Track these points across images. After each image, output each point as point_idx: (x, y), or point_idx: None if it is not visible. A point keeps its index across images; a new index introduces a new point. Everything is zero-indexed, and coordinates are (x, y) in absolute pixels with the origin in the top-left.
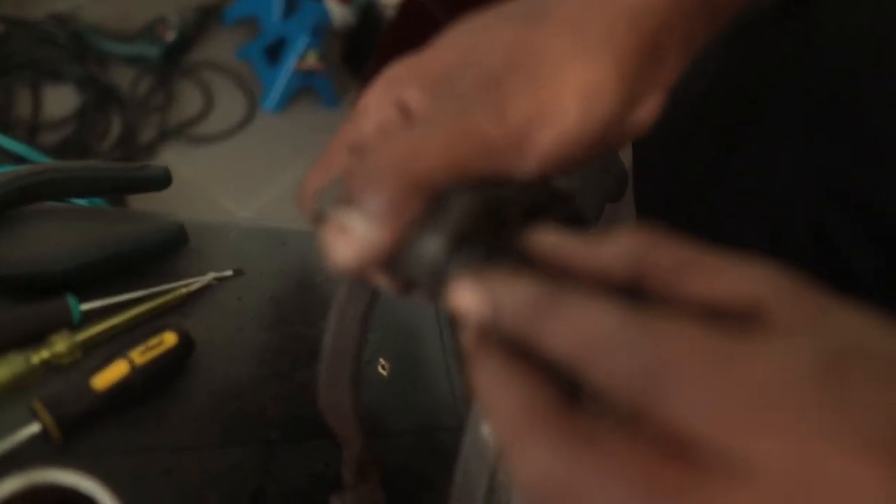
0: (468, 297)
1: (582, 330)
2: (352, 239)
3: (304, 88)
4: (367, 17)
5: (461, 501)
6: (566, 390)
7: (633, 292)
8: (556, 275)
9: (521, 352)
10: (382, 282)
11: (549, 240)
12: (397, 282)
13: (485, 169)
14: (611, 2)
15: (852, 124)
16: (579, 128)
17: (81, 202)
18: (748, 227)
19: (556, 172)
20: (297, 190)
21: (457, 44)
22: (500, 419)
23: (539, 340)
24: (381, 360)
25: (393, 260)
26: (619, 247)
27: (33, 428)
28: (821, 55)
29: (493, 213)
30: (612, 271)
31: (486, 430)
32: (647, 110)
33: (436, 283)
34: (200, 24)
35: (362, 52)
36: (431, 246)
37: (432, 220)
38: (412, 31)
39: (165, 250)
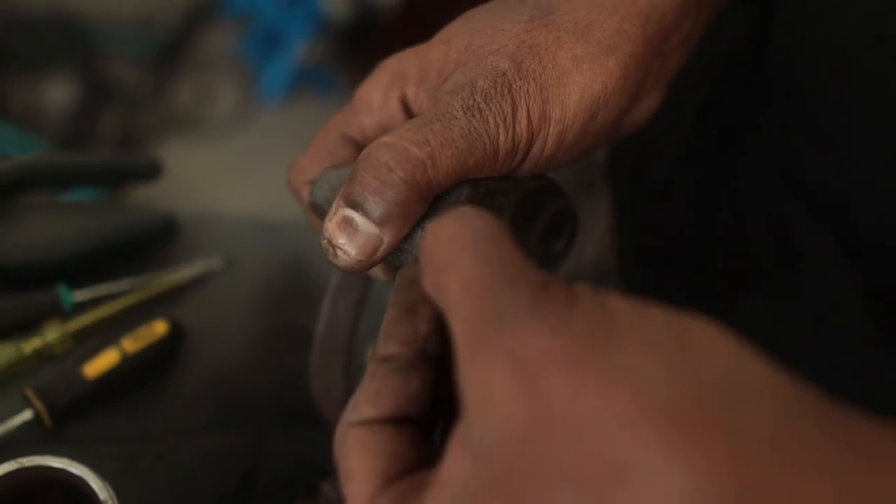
0: None
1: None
2: (357, 240)
3: (302, 82)
4: (366, 9)
5: None
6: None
7: None
8: None
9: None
10: (376, 271)
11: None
12: (392, 271)
13: (489, 171)
14: (619, 7)
15: (805, 115)
16: (582, 133)
17: (77, 195)
18: (710, 216)
19: (552, 169)
20: (287, 173)
21: (465, 38)
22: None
23: None
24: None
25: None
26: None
27: (25, 415)
28: (775, 41)
29: (490, 207)
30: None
31: None
32: (647, 107)
33: None
34: (198, 18)
35: (361, 46)
36: None
37: (431, 213)
38: (412, 25)
39: (156, 240)
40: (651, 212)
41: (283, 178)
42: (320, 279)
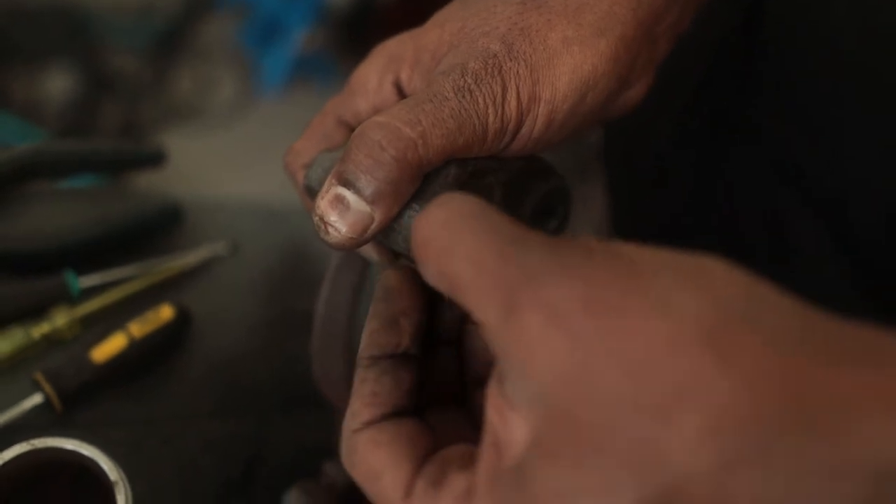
0: None
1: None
2: (348, 217)
3: (302, 71)
4: None
5: None
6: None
7: None
8: None
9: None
10: (370, 252)
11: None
12: (384, 252)
13: (478, 152)
14: None
15: (796, 107)
16: (570, 114)
17: (82, 183)
18: (705, 208)
19: (541, 150)
20: (284, 156)
21: (458, 22)
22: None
23: None
24: None
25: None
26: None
27: (35, 399)
28: (765, 31)
29: (478, 187)
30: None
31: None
32: (636, 91)
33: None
34: (198, 8)
35: (361, 34)
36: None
37: (419, 192)
38: (411, 12)
39: (162, 227)
40: (645, 199)
41: (282, 166)
42: (321, 265)
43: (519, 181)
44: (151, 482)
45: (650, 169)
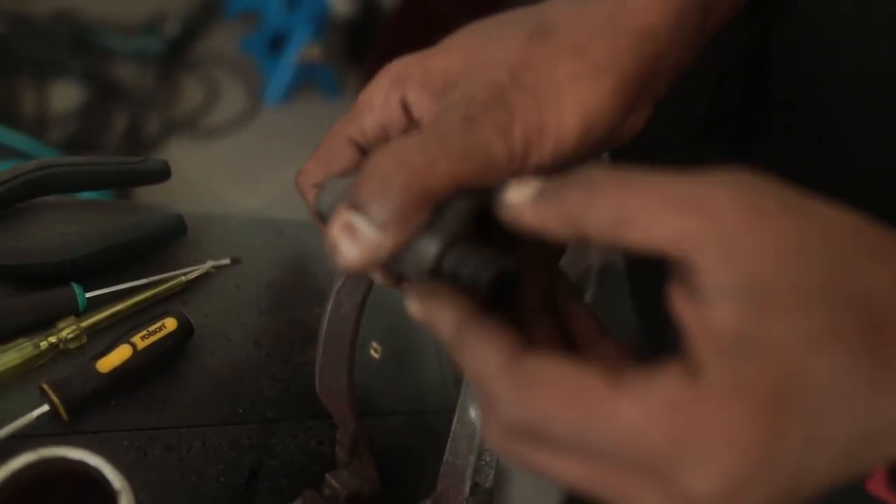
0: (413, 309)
1: (475, 371)
2: (359, 242)
3: (306, 81)
4: (369, 8)
5: (450, 479)
6: None
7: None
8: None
9: None
10: (376, 276)
11: (507, 205)
12: (391, 277)
13: (485, 182)
14: (616, 27)
15: (806, 124)
16: (576, 146)
17: (88, 195)
18: None
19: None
20: (295, 177)
21: (466, 50)
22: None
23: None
24: (374, 344)
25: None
26: (560, 211)
27: (42, 409)
28: (774, 51)
29: (485, 215)
30: (560, 237)
31: (473, 412)
32: (637, 120)
33: (426, 280)
34: (202, 18)
35: (364, 44)
36: (428, 248)
37: (429, 223)
38: (414, 22)
39: (165, 240)
40: None
41: (286, 175)
42: (323, 276)
43: None
44: (156, 490)
45: None
